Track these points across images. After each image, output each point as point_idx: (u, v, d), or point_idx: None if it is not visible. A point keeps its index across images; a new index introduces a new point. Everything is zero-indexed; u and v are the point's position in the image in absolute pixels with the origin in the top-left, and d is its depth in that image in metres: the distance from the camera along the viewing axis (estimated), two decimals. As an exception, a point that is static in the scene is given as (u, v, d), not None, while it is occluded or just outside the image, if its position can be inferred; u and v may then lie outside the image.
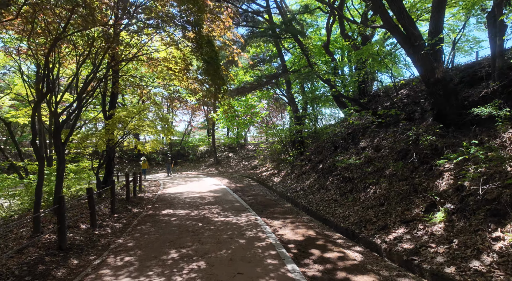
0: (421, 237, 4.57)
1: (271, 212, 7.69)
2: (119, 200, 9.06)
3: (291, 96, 15.49)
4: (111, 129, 9.83)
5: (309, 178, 10.80)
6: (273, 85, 19.19)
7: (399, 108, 8.62)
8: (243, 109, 16.93)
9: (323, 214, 7.19)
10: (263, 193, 11.31)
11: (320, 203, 7.98)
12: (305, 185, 10.34)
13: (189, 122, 32.42)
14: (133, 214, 7.74)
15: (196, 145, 30.76)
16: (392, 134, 7.98)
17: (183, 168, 26.55)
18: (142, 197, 10.69)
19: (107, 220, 6.83)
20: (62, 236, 4.72)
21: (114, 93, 11.21)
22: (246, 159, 25.12)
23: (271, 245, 4.84)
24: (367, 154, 8.09)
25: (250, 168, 21.51)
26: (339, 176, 8.62)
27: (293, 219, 6.84)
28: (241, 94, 15.49)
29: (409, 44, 6.02)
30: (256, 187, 13.38)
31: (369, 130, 9.41)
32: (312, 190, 9.43)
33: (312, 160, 12.21)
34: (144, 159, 19.07)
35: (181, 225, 6.36)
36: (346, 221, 6.28)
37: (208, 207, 8.28)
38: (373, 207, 6.23)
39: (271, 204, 8.86)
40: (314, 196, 8.84)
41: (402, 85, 10.25)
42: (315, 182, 9.86)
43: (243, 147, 29.19)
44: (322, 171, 10.21)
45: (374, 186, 6.87)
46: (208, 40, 6.26)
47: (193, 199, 9.83)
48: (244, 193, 11.14)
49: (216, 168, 24.87)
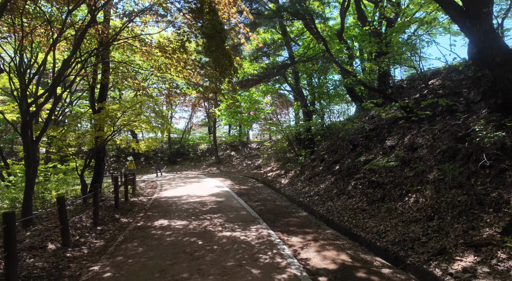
0: (507, 271, 3.29)
1: (285, 223, 6.42)
2: (106, 207, 7.80)
3: (300, 90, 14.19)
4: (100, 125, 8.56)
5: (324, 181, 9.52)
6: (280, 77, 17.91)
7: (435, 100, 7.32)
8: (246, 104, 15.63)
9: (350, 226, 5.92)
10: (272, 198, 10.04)
11: (344, 213, 6.70)
12: (320, 189, 9.07)
13: (189, 119, 31.12)
14: (120, 226, 6.48)
15: (196, 143, 29.51)
16: (429, 131, 6.68)
17: (183, 167, 25.30)
18: (135, 202, 9.43)
19: (87, 235, 5.57)
20: (11, 266, 3.45)
21: (103, 85, 9.94)
22: (249, 158, 23.86)
23: (296, 280, 3.57)
24: (399, 154, 6.80)
25: (254, 168, 20.25)
26: (364, 180, 7.34)
27: (315, 235, 5.56)
28: (245, 88, 14.20)
29: (465, 16, 4.73)
30: (262, 190, 12.12)
31: (396, 126, 8.12)
32: (330, 195, 8.16)
33: (326, 160, 10.92)
34: (131, 159, 17.81)
35: (176, 243, 5.09)
36: (384, 239, 5.01)
37: (209, 216, 7.01)
38: (418, 221, 4.95)
39: (284, 212, 7.59)
40: (334, 203, 7.57)
41: (431, 74, 8.93)
42: (333, 186, 8.58)
43: (246, 145, 27.92)
44: (340, 173, 8.92)
45: (414, 194, 5.58)
46: (210, 8, 4.97)
47: (193, 205, 8.57)
48: (250, 197, 9.88)
49: (217, 167, 23.62)
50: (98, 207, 6.30)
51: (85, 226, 5.99)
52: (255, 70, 14.76)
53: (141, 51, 9.25)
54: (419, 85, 8.94)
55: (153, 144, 11.26)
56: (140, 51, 9.27)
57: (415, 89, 9.18)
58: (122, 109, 8.62)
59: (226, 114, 16.04)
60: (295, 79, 14.13)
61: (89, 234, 5.65)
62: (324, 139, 13.53)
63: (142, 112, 8.65)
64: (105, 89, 10.07)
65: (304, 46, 14.76)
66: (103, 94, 10.00)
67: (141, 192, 12.14)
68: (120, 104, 9.09)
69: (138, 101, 9.07)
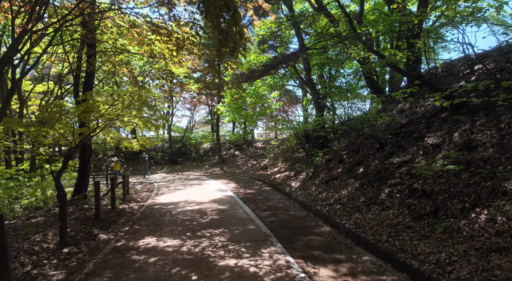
0: None
1: (306, 243, 4.99)
2: (84, 219, 6.43)
3: (312, 81, 12.70)
4: (81, 119, 7.22)
5: (345, 186, 8.06)
6: (288, 70, 16.43)
7: (485, 87, 5.81)
8: (252, 99, 14.19)
9: (393, 250, 4.46)
10: (283, 205, 8.61)
11: (380, 229, 5.24)
12: (341, 196, 7.61)
13: (191, 117, 29.81)
14: (95, 246, 5.09)
15: (199, 141, 28.16)
16: (490, 125, 5.19)
17: (184, 168, 23.97)
18: (124, 211, 8.06)
19: (44, 263, 4.20)
20: None
21: (89, 73, 8.60)
22: (254, 158, 22.44)
23: None
24: (451, 154, 5.31)
25: (260, 168, 18.83)
26: (402, 187, 5.86)
27: (351, 264, 4.12)
28: (250, 81, 12.76)
29: None
30: (270, 194, 10.69)
31: (438, 120, 6.64)
32: (356, 204, 6.70)
33: (345, 161, 9.45)
34: (116, 160, 16.46)
35: (161, 278, 3.69)
36: (451, 275, 3.55)
37: (209, 232, 5.60)
38: (503, 251, 3.48)
39: (301, 227, 6.16)
40: (363, 215, 6.11)
41: (476, 59, 7.41)
42: (358, 193, 7.12)
43: (251, 144, 26.50)
44: (366, 177, 7.45)
45: (485, 209, 4.11)
46: None
47: (190, 215, 7.17)
48: (257, 205, 8.46)
49: (221, 167, 22.24)
50: (66, 223, 4.91)
51: (47, 249, 4.62)
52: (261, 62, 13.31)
53: (131, 34, 7.89)
54: (460, 71, 7.44)
55: (147, 141, 9.88)
56: (130, 34, 7.90)
57: (456, 77, 7.66)
58: (110, 102, 7.26)
59: (230, 111, 14.63)
60: (306, 70, 12.64)
61: (49, 260, 4.27)
62: (340, 137, 12.05)
63: (132, 104, 7.26)
64: (90, 78, 8.72)
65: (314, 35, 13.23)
66: (89, 83, 8.66)
67: (135, 197, 10.79)
68: (107, 96, 7.73)
69: (127, 92, 7.70)
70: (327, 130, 12.32)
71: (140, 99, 7.50)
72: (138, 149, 10.21)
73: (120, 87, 22.64)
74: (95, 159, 25.88)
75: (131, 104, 7.48)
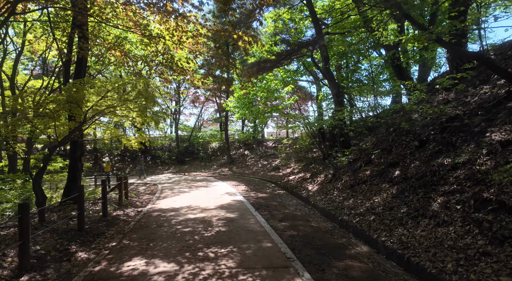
0: None
1: (342, 272, 3.72)
2: (65, 231, 5.32)
3: (330, 72, 11.35)
4: (72, 111, 6.13)
5: (378, 192, 6.73)
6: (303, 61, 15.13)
7: None
8: (263, 94, 12.95)
9: (472, 290, 3.15)
10: (302, 213, 7.34)
11: (439, 253, 3.92)
12: (374, 204, 6.29)
13: (199, 115, 28.78)
14: (67, 271, 3.95)
15: (207, 141, 27.09)
16: None
17: (192, 168, 22.92)
18: (117, 219, 6.94)
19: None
20: None
21: (80, 59, 7.53)
22: (264, 158, 21.20)
23: None
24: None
25: (271, 169, 17.57)
26: (465, 196, 4.51)
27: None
28: (262, 72, 11.52)
29: None
30: (285, 199, 9.43)
31: (503, 110, 5.25)
32: (397, 216, 5.37)
33: (374, 162, 8.11)
34: (107, 160, 15.46)
35: None
36: None
37: (214, 253, 4.39)
38: None
39: (330, 244, 4.88)
40: (409, 230, 4.79)
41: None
42: (398, 201, 5.78)
43: (261, 143, 25.26)
44: (406, 181, 6.11)
45: None
46: None
47: (192, 226, 5.99)
48: (272, 213, 7.22)
49: (229, 168, 21.08)
50: (28, 240, 3.78)
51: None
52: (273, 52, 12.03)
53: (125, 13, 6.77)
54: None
55: (145, 139, 8.76)
56: (123, 13, 6.78)
57: (517, 59, 6.24)
58: (101, 91, 6.14)
59: (239, 107, 13.43)
60: (324, 59, 11.30)
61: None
62: (363, 135, 10.67)
63: (126, 94, 6.14)
64: (82, 65, 7.65)
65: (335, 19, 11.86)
66: (80, 72, 7.59)
67: (134, 200, 9.71)
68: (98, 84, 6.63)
69: (120, 81, 6.58)
70: (352, 126, 10.90)
71: (135, 89, 6.36)
72: (138, 147, 9.12)
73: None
74: (101, 158, 25.14)
75: (125, 94, 6.35)
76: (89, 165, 23.26)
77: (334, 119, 9.00)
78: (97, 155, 25.17)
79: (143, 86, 7.02)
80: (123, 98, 6.39)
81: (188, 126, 30.41)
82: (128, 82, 6.63)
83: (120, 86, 6.33)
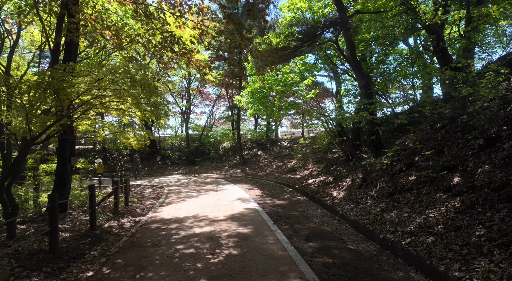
0: None
1: None
2: (32, 253, 4.15)
3: (357, 62, 9.88)
4: (56, 102, 5.02)
5: (431, 204, 5.26)
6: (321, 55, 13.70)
7: None
8: (280, 87, 11.60)
9: None
10: (332, 228, 5.95)
11: None
12: (429, 220, 4.83)
13: (210, 114, 27.73)
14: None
15: (218, 140, 25.96)
16: None
17: (202, 169, 21.81)
18: (108, 231, 5.78)
19: None
20: None
21: (69, 44, 6.44)
22: (279, 158, 19.82)
23: None
24: None
25: (287, 171, 16.18)
26: None
27: None
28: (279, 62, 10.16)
29: None
30: (307, 208, 8.07)
31: None
32: (470, 239, 3.91)
33: (419, 165, 6.62)
34: (99, 161, 14.43)
35: None
36: None
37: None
38: None
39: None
40: (499, 266, 3.33)
41: None
42: (467, 218, 4.32)
43: (275, 143, 23.89)
44: (474, 191, 4.64)
45: None
46: None
47: (196, 247, 4.73)
48: (294, 227, 5.88)
49: (242, 169, 19.83)
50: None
51: None
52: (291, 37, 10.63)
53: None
54: None
55: (145, 137, 7.60)
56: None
57: None
58: (91, 81, 4.99)
59: (252, 102, 12.13)
60: (349, 47, 9.84)
61: None
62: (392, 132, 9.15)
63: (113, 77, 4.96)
64: (71, 50, 6.55)
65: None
66: (70, 57, 6.49)
67: (135, 206, 8.59)
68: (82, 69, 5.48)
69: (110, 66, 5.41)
70: (403, 120, 9.14)
71: (127, 75, 5.16)
72: (138, 147, 7.98)
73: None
74: (110, 158, 24.45)
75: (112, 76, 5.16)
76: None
77: (369, 113, 7.52)
78: (106, 155, 24.48)
79: (139, 73, 5.83)
80: (113, 87, 5.21)
81: (199, 125, 29.44)
82: (120, 67, 5.45)
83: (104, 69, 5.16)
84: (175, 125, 32.92)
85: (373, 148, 8.56)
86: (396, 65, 13.18)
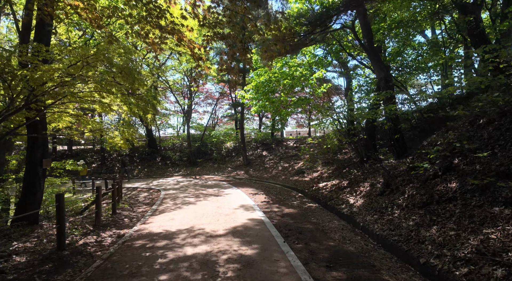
0: None
1: None
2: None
3: (375, 51, 8.71)
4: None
5: (489, 220, 4.09)
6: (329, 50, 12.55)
7: None
8: (288, 81, 10.46)
9: None
10: (357, 248, 4.79)
11: None
12: (490, 243, 3.66)
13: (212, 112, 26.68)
14: None
15: (221, 140, 24.88)
16: None
17: (204, 170, 20.74)
18: (80, 251, 4.70)
19: None
20: None
21: (40, 23, 5.40)
22: (285, 159, 18.67)
23: None
24: None
25: (294, 173, 15.03)
26: None
27: None
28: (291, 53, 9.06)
29: None
30: (322, 218, 6.92)
31: None
32: None
33: (459, 169, 5.43)
34: (82, 163, 13.37)
35: None
36: None
37: None
38: None
39: None
40: None
41: None
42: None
43: (280, 143, 22.73)
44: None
45: None
46: None
47: (185, 278, 3.62)
48: (310, 247, 4.73)
49: (245, 170, 18.71)
50: None
51: None
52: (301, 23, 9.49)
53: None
54: None
55: (132, 136, 6.51)
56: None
57: None
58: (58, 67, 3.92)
59: (257, 97, 11.01)
60: (367, 36, 8.68)
61: None
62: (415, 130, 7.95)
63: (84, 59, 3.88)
64: (44, 33, 5.50)
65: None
66: (41, 38, 5.44)
67: (124, 215, 7.53)
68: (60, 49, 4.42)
69: (81, 44, 4.33)
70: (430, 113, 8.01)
71: (99, 56, 4.07)
72: (125, 147, 6.90)
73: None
74: (108, 159, 23.51)
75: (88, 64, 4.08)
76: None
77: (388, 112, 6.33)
78: (105, 155, 23.55)
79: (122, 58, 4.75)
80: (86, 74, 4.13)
81: (201, 124, 28.39)
82: (100, 49, 4.37)
83: (79, 50, 4.08)
84: (176, 125, 31.96)
85: (398, 148, 7.37)
86: (414, 57, 11.96)
